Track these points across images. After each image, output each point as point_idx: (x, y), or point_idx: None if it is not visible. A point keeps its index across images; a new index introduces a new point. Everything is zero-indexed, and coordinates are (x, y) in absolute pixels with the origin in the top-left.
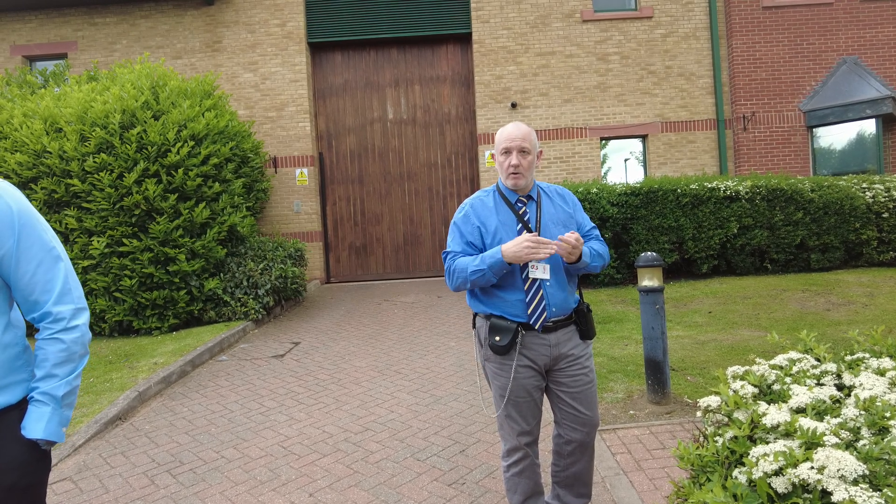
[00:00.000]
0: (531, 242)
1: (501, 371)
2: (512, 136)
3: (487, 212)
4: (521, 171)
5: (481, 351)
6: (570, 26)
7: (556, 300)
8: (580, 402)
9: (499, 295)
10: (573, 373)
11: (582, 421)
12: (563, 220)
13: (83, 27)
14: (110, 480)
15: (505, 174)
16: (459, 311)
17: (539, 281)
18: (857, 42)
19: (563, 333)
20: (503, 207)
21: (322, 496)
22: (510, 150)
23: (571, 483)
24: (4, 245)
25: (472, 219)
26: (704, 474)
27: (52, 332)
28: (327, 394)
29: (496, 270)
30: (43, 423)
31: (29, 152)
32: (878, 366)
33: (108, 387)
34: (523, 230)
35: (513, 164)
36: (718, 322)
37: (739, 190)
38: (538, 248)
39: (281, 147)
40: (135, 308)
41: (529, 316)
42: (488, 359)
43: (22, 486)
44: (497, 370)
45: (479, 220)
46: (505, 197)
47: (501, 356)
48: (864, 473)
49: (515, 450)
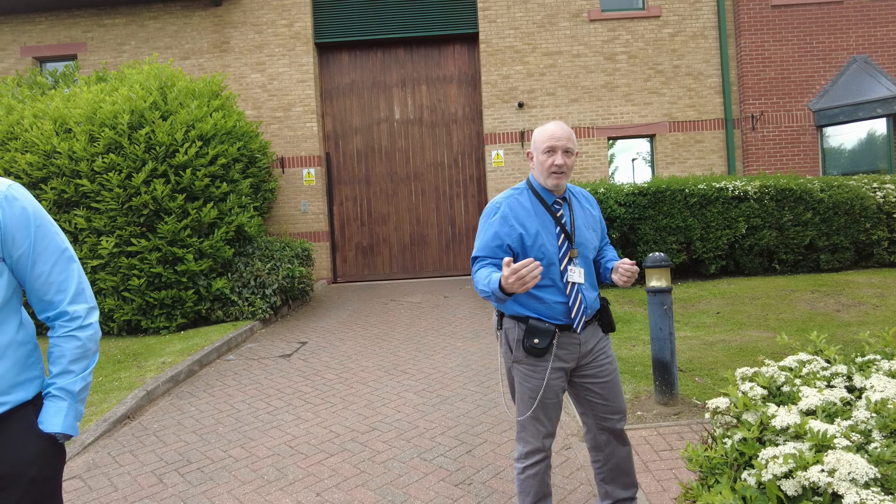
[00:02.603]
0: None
1: (533, 373)
2: (557, 135)
3: (525, 213)
4: (564, 171)
5: (509, 353)
6: (577, 26)
7: (589, 301)
8: (608, 390)
9: (539, 297)
10: (600, 363)
11: (612, 409)
12: (592, 225)
13: (92, 28)
14: (119, 479)
15: (546, 173)
16: (466, 311)
17: (575, 284)
18: (867, 40)
19: (591, 330)
20: (540, 209)
21: (329, 496)
22: (555, 150)
23: (616, 475)
24: (21, 246)
25: (510, 220)
26: (713, 476)
27: (69, 330)
28: (334, 393)
29: (499, 297)
30: (60, 417)
31: (39, 153)
32: (889, 368)
33: (117, 386)
34: (562, 233)
35: (557, 164)
36: (727, 323)
37: (748, 190)
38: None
39: (288, 147)
40: (143, 307)
41: (573, 319)
42: (519, 361)
43: (43, 478)
44: (529, 372)
45: (519, 222)
46: (541, 197)
47: (536, 358)
48: (875, 477)
49: (537, 451)
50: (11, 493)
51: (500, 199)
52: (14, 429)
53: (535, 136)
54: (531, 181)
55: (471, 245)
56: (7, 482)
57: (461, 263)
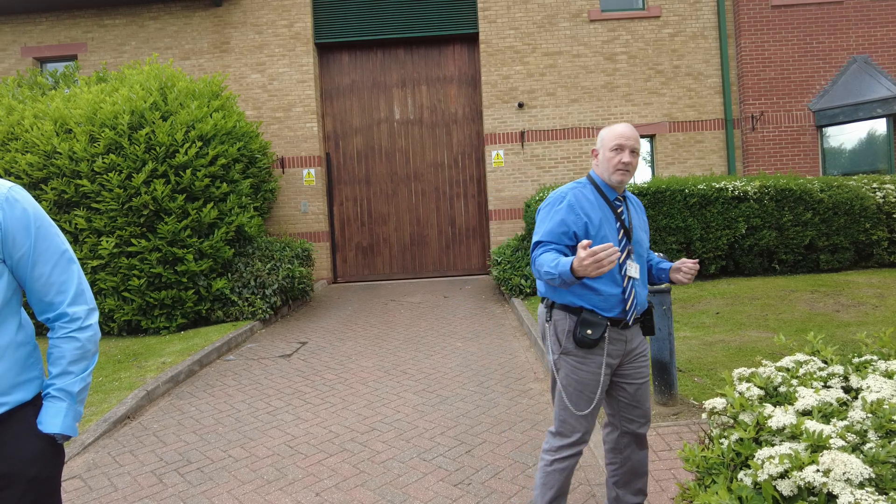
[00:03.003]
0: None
1: (582, 365)
2: (626, 134)
3: (590, 204)
4: (629, 170)
5: (558, 345)
6: (577, 26)
7: (641, 298)
8: (640, 393)
9: (595, 288)
10: (638, 365)
11: (640, 412)
12: (643, 227)
13: (93, 29)
14: (119, 479)
15: (612, 169)
16: (466, 311)
17: (631, 279)
18: (867, 40)
19: (635, 330)
20: (602, 203)
21: (328, 496)
22: (623, 148)
23: (629, 479)
24: (21, 248)
25: (576, 209)
26: (710, 476)
27: (68, 332)
28: (334, 394)
29: (566, 279)
30: (60, 417)
31: (39, 153)
32: (885, 368)
33: (117, 386)
34: (621, 228)
35: (624, 162)
36: (726, 323)
37: (748, 190)
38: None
39: (288, 147)
40: (143, 308)
41: (626, 312)
42: (568, 352)
43: (42, 478)
44: (577, 365)
45: (584, 211)
46: (603, 192)
47: (585, 350)
48: (870, 477)
49: (573, 445)
50: (11, 492)
51: (564, 189)
52: (14, 429)
53: (602, 134)
54: (593, 177)
55: (470, 245)
56: (6, 482)
57: (461, 264)
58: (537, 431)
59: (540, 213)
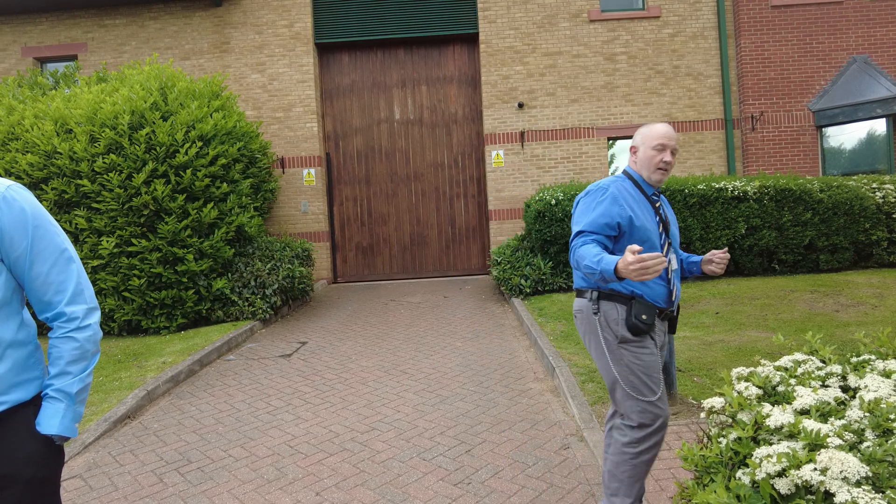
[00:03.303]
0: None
1: (643, 349)
2: (668, 134)
3: (632, 199)
4: (669, 169)
5: (613, 337)
6: (577, 26)
7: (678, 291)
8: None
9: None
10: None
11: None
12: (674, 222)
13: (93, 29)
14: (119, 478)
15: (653, 168)
16: (466, 311)
17: (674, 271)
18: (867, 41)
19: (664, 324)
20: (641, 197)
21: (328, 495)
22: (666, 147)
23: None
24: (19, 247)
25: (620, 201)
26: (708, 475)
27: (66, 331)
28: (334, 393)
29: (607, 277)
30: (58, 419)
31: (40, 153)
32: (883, 368)
33: (118, 385)
34: (660, 223)
35: (666, 161)
36: (726, 323)
37: (747, 190)
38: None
39: (288, 147)
40: (143, 307)
41: (672, 302)
42: (626, 341)
43: (40, 479)
44: (638, 350)
45: (627, 204)
46: (642, 188)
47: (639, 337)
48: (867, 475)
49: (662, 427)
50: (9, 493)
51: (605, 182)
52: (13, 429)
53: (643, 132)
54: (630, 173)
55: (470, 245)
56: (5, 482)
57: (461, 264)
58: (537, 431)
59: (580, 204)
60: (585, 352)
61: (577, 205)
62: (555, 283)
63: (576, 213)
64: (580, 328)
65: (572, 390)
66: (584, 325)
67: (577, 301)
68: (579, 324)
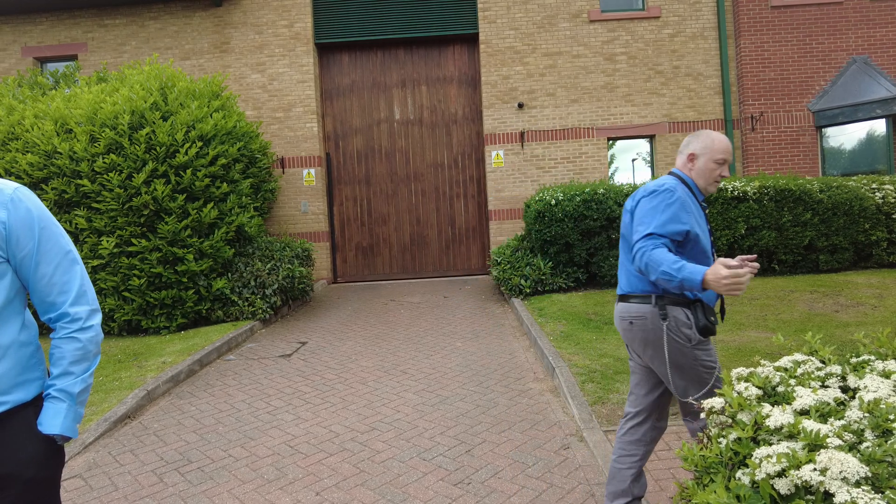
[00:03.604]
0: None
1: (709, 349)
2: (729, 149)
3: (692, 204)
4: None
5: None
6: (577, 26)
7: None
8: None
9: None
10: None
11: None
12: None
13: (93, 29)
14: (120, 478)
15: (711, 180)
16: (466, 311)
17: None
18: (867, 41)
19: None
20: (696, 205)
21: (328, 495)
22: (726, 162)
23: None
24: (25, 248)
25: (688, 206)
26: (708, 475)
27: (69, 332)
28: (334, 393)
29: (686, 286)
30: (60, 419)
31: (40, 153)
32: (883, 368)
33: (118, 385)
34: (709, 229)
35: (724, 175)
36: (726, 323)
37: (747, 190)
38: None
39: (288, 147)
40: (143, 307)
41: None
42: (699, 342)
43: (40, 479)
44: (707, 348)
45: (690, 211)
46: (695, 195)
47: (705, 338)
48: (866, 475)
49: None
50: (9, 493)
51: (669, 183)
52: (13, 429)
53: (705, 143)
54: (685, 178)
55: (470, 245)
56: (5, 482)
57: (461, 264)
58: (537, 431)
59: (646, 203)
60: (585, 352)
61: (640, 203)
62: (554, 283)
63: (640, 211)
64: (637, 335)
65: (572, 390)
66: (645, 331)
67: (633, 307)
68: (637, 330)
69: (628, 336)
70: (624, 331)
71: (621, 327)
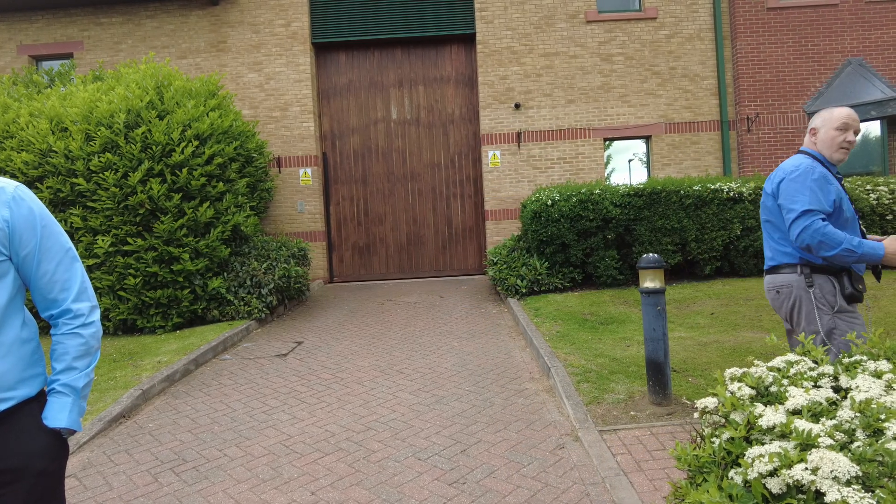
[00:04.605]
0: None
1: (855, 319)
2: (851, 115)
3: (830, 178)
4: (850, 148)
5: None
6: (574, 27)
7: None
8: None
9: None
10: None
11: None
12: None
13: (89, 27)
14: (114, 478)
15: (836, 147)
16: (462, 311)
17: None
18: (862, 43)
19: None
20: (831, 176)
21: (324, 494)
22: (849, 128)
23: None
24: (27, 246)
25: (829, 179)
26: (701, 475)
27: (72, 328)
28: (330, 393)
29: (866, 260)
30: (66, 412)
31: (35, 151)
32: (874, 368)
33: (113, 385)
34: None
35: (849, 140)
36: (721, 324)
37: (743, 191)
38: None
39: (285, 147)
40: (139, 307)
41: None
42: (843, 310)
43: (50, 471)
44: (852, 319)
45: (831, 183)
46: (829, 168)
47: (853, 305)
48: (857, 475)
49: None
50: (20, 485)
51: (807, 163)
52: (22, 423)
53: (824, 115)
54: (811, 153)
55: (467, 245)
56: (16, 476)
57: (458, 264)
58: (532, 431)
59: (791, 182)
60: (581, 352)
61: (783, 185)
62: (550, 283)
63: (787, 190)
64: (784, 303)
65: (567, 390)
66: (791, 299)
67: (780, 277)
68: (784, 299)
69: (776, 304)
70: (772, 300)
71: (770, 297)
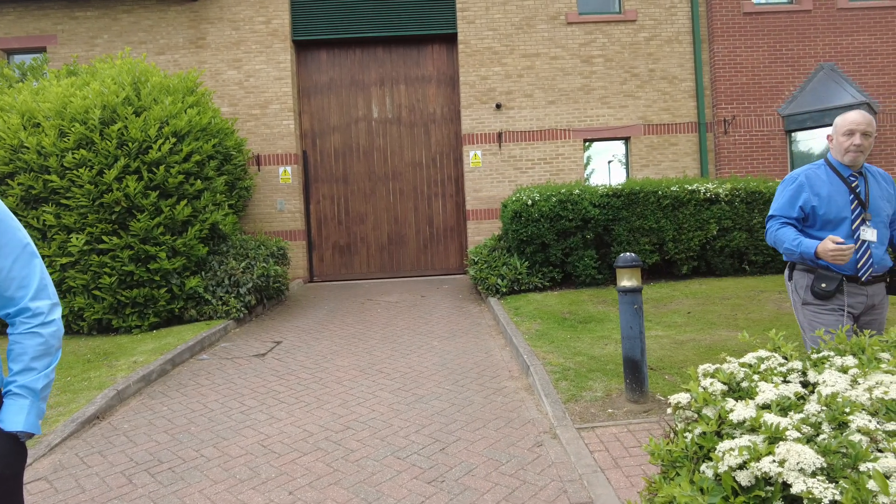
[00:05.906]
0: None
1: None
2: (857, 120)
3: (820, 182)
4: (861, 150)
5: (798, 298)
6: (555, 28)
7: (877, 259)
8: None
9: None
10: (875, 316)
11: None
12: (886, 197)
13: (63, 21)
14: (87, 480)
15: (844, 151)
16: (443, 311)
17: (867, 242)
18: (834, 49)
19: (879, 287)
20: (835, 179)
21: (302, 494)
22: (854, 132)
23: None
24: None
25: (806, 188)
26: (674, 469)
27: (31, 327)
28: (309, 393)
29: (804, 259)
30: (23, 415)
31: (5, 147)
32: (841, 364)
33: (87, 385)
34: (855, 199)
35: (855, 144)
36: (697, 322)
37: (719, 192)
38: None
39: (264, 145)
40: (114, 306)
41: (858, 270)
42: (807, 303)
43: (7, 476)
44: (817, 311)
45: (813, 190)
46: (836, 170)
47: (823, 300)
48: (822, 466)
49: None
50: None
51: (800, 170)
52: None
53: (836, 122)
54: (829, 159)
55: (448, 245)
56: None
57: (439, 263)
58: (511, 429)
59: (778, 190)
60: (560, 350)
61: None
62: (530, 282)
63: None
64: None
65: (546, 388)
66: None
67: (785, 271)
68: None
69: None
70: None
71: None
